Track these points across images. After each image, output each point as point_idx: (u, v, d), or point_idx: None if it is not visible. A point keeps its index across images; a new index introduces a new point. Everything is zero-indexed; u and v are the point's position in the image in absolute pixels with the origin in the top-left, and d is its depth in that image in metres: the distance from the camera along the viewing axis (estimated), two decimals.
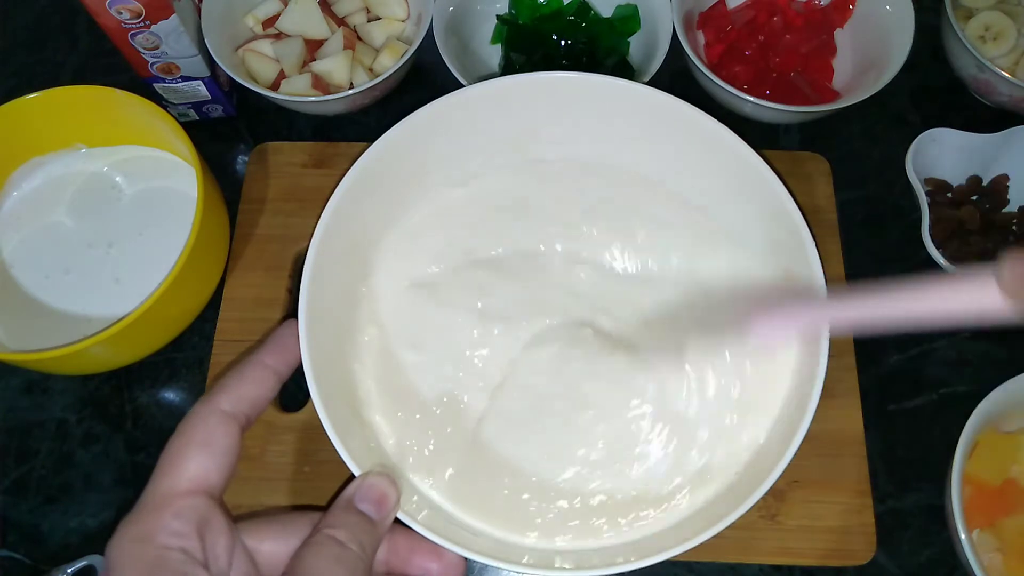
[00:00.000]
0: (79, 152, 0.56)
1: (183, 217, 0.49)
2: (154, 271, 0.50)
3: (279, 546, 0.36)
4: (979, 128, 0.54)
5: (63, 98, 0.52)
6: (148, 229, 0.55)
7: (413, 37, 0.56)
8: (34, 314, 0.52)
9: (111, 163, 0.57)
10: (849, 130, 0.60)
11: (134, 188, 0.56)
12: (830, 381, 0.40)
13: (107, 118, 0.54)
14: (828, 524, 0.47)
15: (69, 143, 0.56)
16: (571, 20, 0.59)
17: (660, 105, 0.47)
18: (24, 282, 0.53)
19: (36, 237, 0.55)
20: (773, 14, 0.59)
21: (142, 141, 0.56)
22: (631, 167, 0.50)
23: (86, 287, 0.53)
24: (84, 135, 0.56)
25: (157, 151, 0.57)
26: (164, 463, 0.35)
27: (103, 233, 0.55)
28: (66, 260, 0.54)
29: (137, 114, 0.52)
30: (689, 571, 0.47)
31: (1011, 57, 0.57)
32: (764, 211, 0.45)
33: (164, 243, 0.53)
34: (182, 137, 0.49)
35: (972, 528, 0.45)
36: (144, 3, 0.48)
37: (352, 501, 0.37)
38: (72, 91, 0.52)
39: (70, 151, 0.56)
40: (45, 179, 0.56)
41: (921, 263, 0.52)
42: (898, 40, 0.55)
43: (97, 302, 0.52)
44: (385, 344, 0.47)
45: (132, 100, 0.51)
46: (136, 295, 0.48)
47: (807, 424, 0.39)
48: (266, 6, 0.59)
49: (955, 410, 0.45)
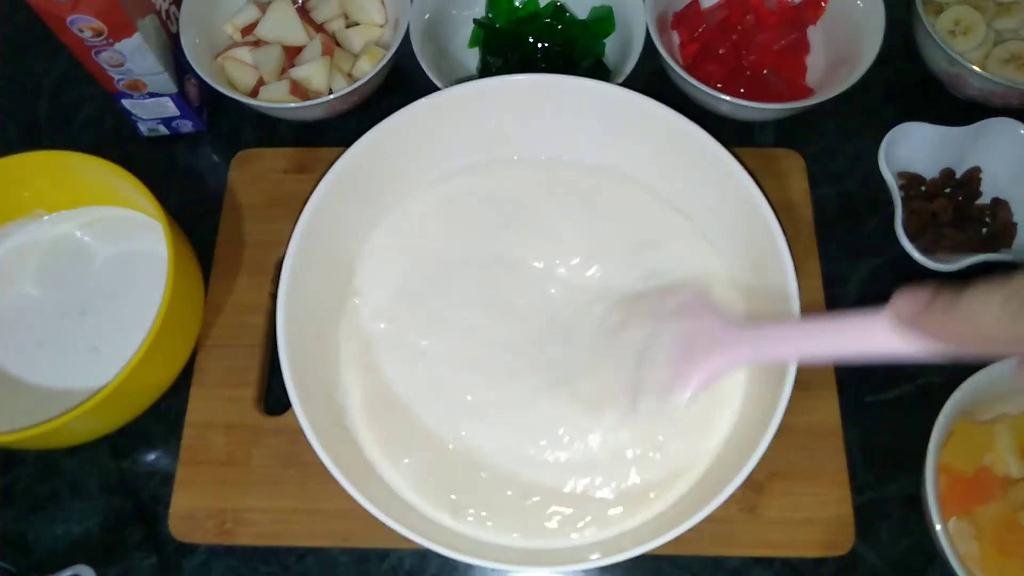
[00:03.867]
0: (40, 220, 0.54)
1: (157, 276, 0.47)
2: (132, 334, 0.48)
3: None
4: (951, 121, 0.55)
5: (15, 166, 0.50)
6: (122, 292, 0.53)
7: (391, 42, 0.57)
8: (10, 391, 0.50)
9: (76, 226, 0.55)
10: (823, 126, 0.60)
11: (104, 250, 0.54)
12: (807, 373, 0.41)
13: (66, 181, 0.52)
14: (807, 516, 0.47)
15: (27, 210, 0.54)
16: (547, 23, 0.60)
17: (633, 106, 0.47)
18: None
19: (4, 311, 0.53)
20: (746, 13, 0.59)
21: (106, 201, 0.54)
22: (606, 166, 0.51)
23: (63, 359, 0.51)
24: (43, 201, 0.54)
25: (122, 210, 0.54)
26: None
27: (75, 300, 0.53)
28: (39, 332, 0.52)
29: (97, 175, 0.50)
30: (671, 564, 0.47)
31: (980, 51, 0.58)
32: (737, 208, 0.46)
33: (140, 305, 0.51)
34: (146, 195, 0.48)
35: (948, 517, 0.46)
36: (105, 22, 0.48)
37: None
38: (25, 158, 0.50)
39: (29, 219, 0.54)
40: (7, 249, 0.54)
41: (895, 256, 0.53)
42: (870, 36, 0.55)
43: (76, 373, 0.50)
44: (367, 351, 0.47)
45: (90, 162, 0.49)
46: (116, 362, 0.47)
47: (779, 417, 0.39)
48: (244, 14, 0.60)
49: (931, 401, 0.46)
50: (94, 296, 0.53)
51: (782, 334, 0.40)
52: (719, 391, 0.46)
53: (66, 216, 0.54)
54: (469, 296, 0.48)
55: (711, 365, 0.40)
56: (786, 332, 0.40)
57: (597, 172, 0.52)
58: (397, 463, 0.45)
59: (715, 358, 0.40)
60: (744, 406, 0.45)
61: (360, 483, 0.40)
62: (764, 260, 0.45)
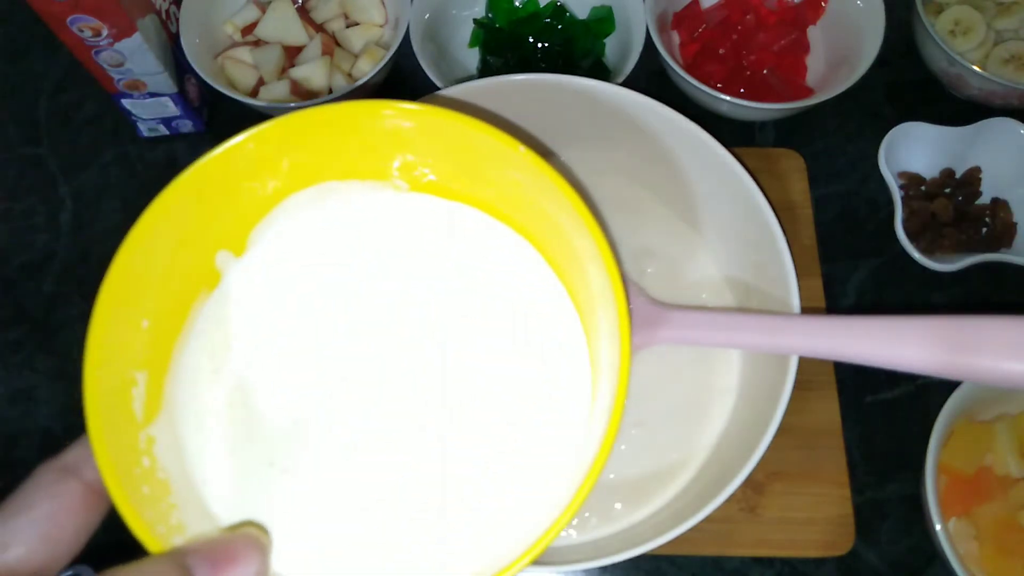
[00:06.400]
0: (396, 195, 0.35)
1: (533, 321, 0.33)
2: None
3: None
4: (951, 121, 0.55)
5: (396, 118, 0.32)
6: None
7: (391, 42, 0.57)
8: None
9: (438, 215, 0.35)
10: (823, 126, 0.60)
11: (452, 273, 0.35)
12: (807, 373, 0.41)
13: (462, 161, 0.34)
14: (807, 516, 0.47)
15: (387, 176, 0.35)
16: (547, 23, 0.59)
17: (633, 105, 0.47)
18: (266, 422, 0.32)
19: (291, 334, 0.33)
20: (746, 13, 0.59)
21: (486, 204, 0.35)
22: (604, 166, 0.51)
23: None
24: (412, 170, 0.35)
25: (491, 220, 0.35)
26: None
27: (400, 350, 0.33)
28: (332, 384, 0.32)
29: (511, 168, 0.32)
30: (671, 565, 0.47)
31: (980, 51, 0.58)
32: (737, 208, 0.46)
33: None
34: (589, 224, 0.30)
35: (948, 517, 0.46)
36: (106, 21, 0.48)
37: (187, 565, 0.24)
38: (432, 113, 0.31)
39: (385, 185, 0.35)
40: (328, 222, 0.35)
41: (895, 256, 0.53)
42: (870, 36, 0.55)
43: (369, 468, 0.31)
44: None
45: (519, 157, 0.31)
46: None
47: (779, 416, 0.39)
48: (244, 13, 0.60)
49: (932, 400, 0.46)
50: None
51: (710, 322, 0.42)
52: (714, 379, 0.47)
53: (431, 205, 0.35)
54: None
55: (634, 341, 0.41)
56: (713, 320, 0.42)
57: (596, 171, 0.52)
58: None
59: (640, 336, 0.42)
60: (740, 398, 0.45)
61: None
62: (764, 260, 0.45)
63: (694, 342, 0.43)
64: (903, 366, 0.36)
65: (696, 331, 0.43)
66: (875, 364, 0.37)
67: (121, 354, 0.28)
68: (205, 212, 0.31)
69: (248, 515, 0.29)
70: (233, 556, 0.25)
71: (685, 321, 0.43)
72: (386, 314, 0.33)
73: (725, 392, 0.46)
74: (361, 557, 0.29)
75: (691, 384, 0.46)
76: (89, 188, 0.60)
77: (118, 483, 0.25)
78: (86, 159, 0.61)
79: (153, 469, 0.28)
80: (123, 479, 0.26)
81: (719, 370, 0.47)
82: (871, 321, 0.37)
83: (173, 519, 0.27)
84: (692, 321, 0.43)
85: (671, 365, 0.47)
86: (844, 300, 0.55)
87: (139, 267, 0.29)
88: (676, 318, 0.43)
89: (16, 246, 0.58)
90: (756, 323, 0.41)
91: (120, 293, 0.28)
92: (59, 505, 0.25)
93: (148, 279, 0.29)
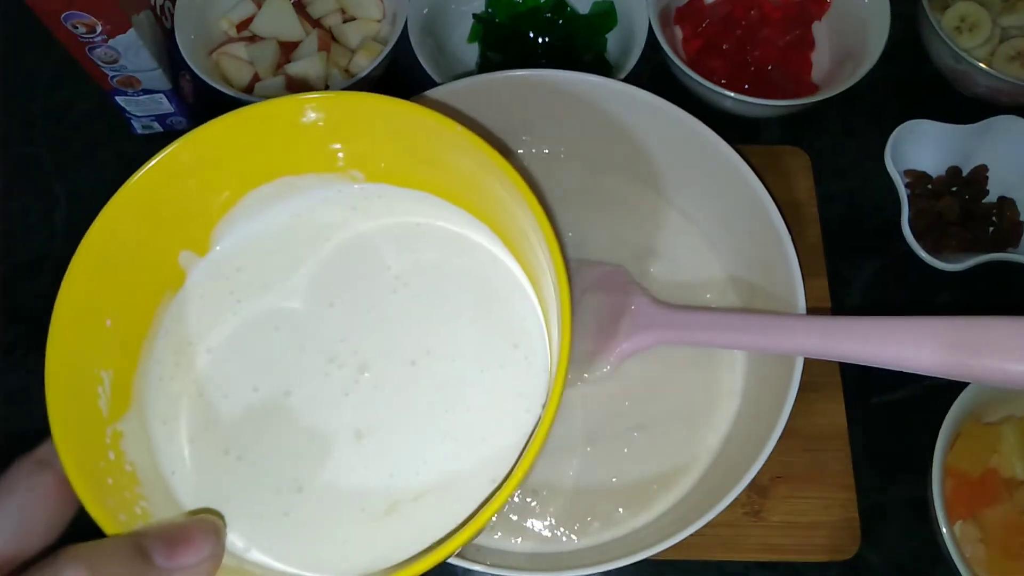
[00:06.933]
0: (352, 185, 0.36)
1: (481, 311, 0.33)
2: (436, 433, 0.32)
3: None
4: (958, 119, 0.54)
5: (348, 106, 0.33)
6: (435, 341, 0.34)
7: (389, 37, 0.56)
8: (231, 466, 0.32)
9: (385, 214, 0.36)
10: (828, 123, 0.60)
11: (398, 259, 0.35)
12: (813, 375, 0.40)
13: (406, 147, 0.34)
14: (812, 519, 0.47)
15: (337, 165, 0.35)
16: (548, 17, 0.59)
17: (635, 101, 0.46)
18: (228, 417, 0.33)
19: (251, 329, 0.34)
20: (750, 8, 0.59)
21: (437, 190, 0.36)
22: (605, 162, 0.50)
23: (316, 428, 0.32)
24: (364, 160, 0.36)
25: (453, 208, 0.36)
26: None
27: (358, 340, 0.34)
28: (288, 375, 0.33)
29: (454, 148, 0.33)
30: (675, 570, 0.47)
31: (987, 48, 0.57)
32: (741, 206, 0.45)
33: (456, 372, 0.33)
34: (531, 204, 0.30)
35: (954, 519, 0.45)
36: (100, 18, 0.47)
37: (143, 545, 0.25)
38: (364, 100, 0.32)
39: (339, 177, 0.36)
40: (288, 218, 0.36)
41: (901, 255, 0.52)
42: (875, 32, 0.55)
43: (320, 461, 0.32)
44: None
45: (456, 136, 0.32)
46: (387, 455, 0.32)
47: (784, 419, 0.39)
48: (240, 9, 0.59)
49: (938, 402, 0.45)
50: (389, 341, 0.34)
51: (712, 322, 0.43)
52: (718, 381, 0.46)
53: (387, 194, 0.36)
54: None
55: (636, 341, 0.43)
56: (716, 320, 0.43)
57: (596, 168, 0.51)
58: None
59: (643, 335, 0.43)
60: (744, 400, 0.45)
61: None
62: (769, 259, 0.44)
63: (698, 343, 0.43)
64: (909, 367, 0.35)
65: (700, 332, 0.42)
66: (881, 365, 0.36)
67: (84, 353, 0.29)
68: (160, 215, 0.32)
69: (208, 502, 0.31)
70: (188, 539, 0.26)
71: (689, 321, 0.43)
72: (342, 301, 0.35)
73: (729, 394, 0.46)
74: (314, 538, 0.31)
75: (695, 386, 0.46)
76: (84, 187, 0.59)
77: (80, 475, 0.26)
78: (80, 157, 0.60)
79: (120, 462, 0.29)
80: (86, 471, 0.27)
81: (723, 371, 0.46)
82: (877, 321, 0.37)
83: (138, 508, 0.28)
84: (696, 321, 0.43)
85: (674, 366, 0.46)
86: (850, 300, 0.54)
87: (97, 270, 0.30)
88: (680, 318, 0.43)
89: (11, 246, 0.57)
90: (761, 324, 0.41)
91: (79, 295, 0.29)
92: (34, 496, 0.26)
93: (108, 281, 0.30)
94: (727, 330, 0.42)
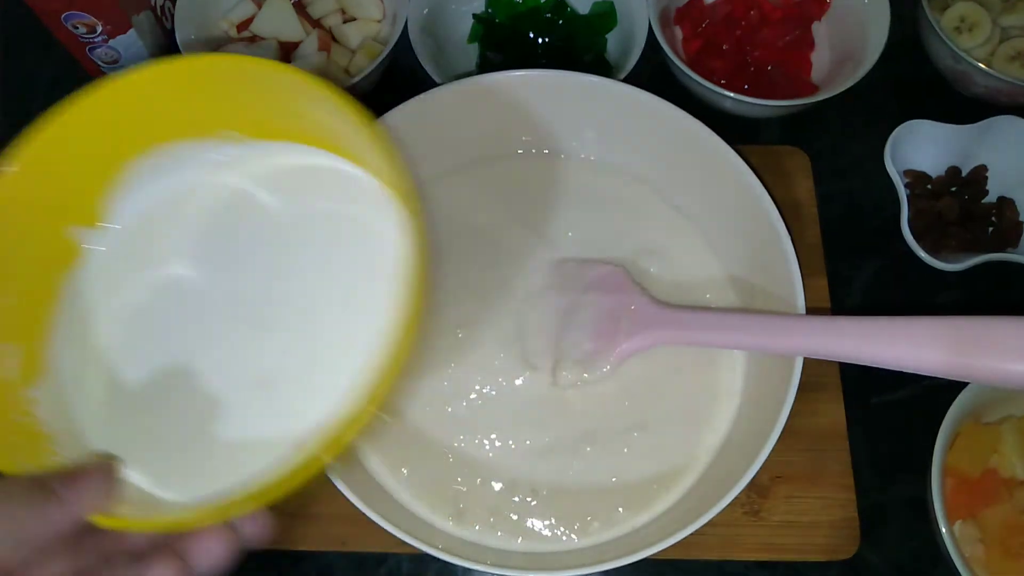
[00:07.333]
0: (226, 147, 0.38)
1: (365, 258, 0.35)
2: (327, 370, 0.33)
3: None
4: (958, 119, 0.54)
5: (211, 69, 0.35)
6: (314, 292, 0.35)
7: (389, 37, 0.56)
8: (149, 430, 0.35)
9: (262, 171, 0.38)
10: (828, 123, 0.60)
11: (283, 208, 0.37)
12: (812, 374, 0.40)
13: (272, 105, 0.36)
14: (812, 519, 0.47)
15: (212, 129, 0.37)
16: (548, 18, 0.59)
17: (635, 102, 0.47)
18: (135, 381, 0.35)
19: (150, 300, 0.37)
20: (750, 8, 0.59)
21: (310, 140, 0.38)
22: (606, 163, 0.50)
23: (220, 387, 0.35)
24: (238, 119, 0.37)
25: (329, 157, 0.38)
26: None
27: (245, 293, 0.36)
28: (186, 335, 0.36)
29: (315, 107, 0.34)
30: (675, 569, 0.47)
31: (986, 48, 0.57)
32: (741, 206, 0.45)
33: (341, 318, 0.34)
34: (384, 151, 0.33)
35: (954, 520, 0.45)
36: (101, 18, 0.48)
37: (42, 478, 0.29)
38: (221, 60, 0.36)
39: (211, 142, 0.37)
40: (168, 190, 0.37)
41: (901, 255, 0.52)
42: (874, 32, 0.55)
43: (231, 411, 0.34)
44: None
45: (313, 88, 0.33)
46: (293, 409, 0.33)
47: (784, 419, 0.39)
48: (240, 9, 0.59)
49: (938, 402, 0.45)
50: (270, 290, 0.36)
51: (712, 322, 0.43)
52: (718, 381, 0.46)
53: (261, 151, 0.38)
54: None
55: (636, 342, 0.43)
56: (716, 320, 0.44)
57: (596, 169, 0.51)
58: (396, 471, 0.44)
59: (642, 336, 0.43)
60: (744, 399, 0.45)
61: (359, 490, 0.39)
62: (768, 259, 0.44)
63: (697, 343, 0.43)
64: (909, 367, 0.35)
65: (700, 332, 0.43)
66: (881, 365, 0.36)
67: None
68: (36, 195, 0.34)
69: (116, 451, 0.33)
70: (85, 473, 0.30)
71: (688, 321, 0.43)
72: (233, 258, 0.37)
73: (729, 394, 0.46)
74: (210, 470, 0.33)
75: (695, 386, 0.46)
76: None
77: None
78: None
79: (32, 424, 0.33)
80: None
81: (723, 371, 0.46)
82: (876, 321, 0.37)
83: (52, 462, 0.32)
84: (696, 321, 0.43)
85: (674, 366, 0.46)
86: (849, 300, 0.54)
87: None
88: (679, 318, 0.43)
89: None
90: (761, 324, 0.41)
91: None
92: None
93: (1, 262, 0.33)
94: (727, 330, 0.42)
